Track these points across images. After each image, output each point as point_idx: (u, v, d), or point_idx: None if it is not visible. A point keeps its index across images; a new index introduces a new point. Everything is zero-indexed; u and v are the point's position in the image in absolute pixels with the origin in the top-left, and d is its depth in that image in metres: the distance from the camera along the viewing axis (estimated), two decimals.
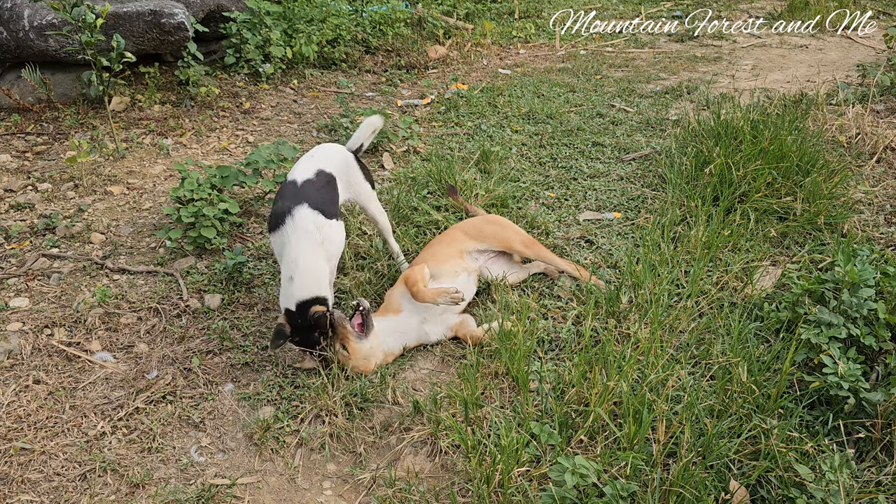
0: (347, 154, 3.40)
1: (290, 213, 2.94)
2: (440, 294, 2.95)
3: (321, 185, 3.13)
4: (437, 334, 3.08)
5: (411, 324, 3.04)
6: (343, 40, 7.26)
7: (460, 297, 2.97)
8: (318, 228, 2.95)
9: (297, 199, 2.99)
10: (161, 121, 5.55)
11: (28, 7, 5.31)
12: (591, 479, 2.12)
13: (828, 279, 2.93)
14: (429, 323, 3.06)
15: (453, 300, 2.94)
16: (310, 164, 3.19)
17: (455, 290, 2.96)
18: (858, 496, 2.14)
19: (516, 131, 5.48)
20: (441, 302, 2.95)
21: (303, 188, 3.05)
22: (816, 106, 5.10)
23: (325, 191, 3.13)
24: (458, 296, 2.95)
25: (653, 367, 2.67)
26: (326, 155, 3.30)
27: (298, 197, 3.00)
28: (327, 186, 3.17)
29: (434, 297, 2.94)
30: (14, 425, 2.67)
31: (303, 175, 3.11)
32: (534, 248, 3.41)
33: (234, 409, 2.80)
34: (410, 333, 3.04)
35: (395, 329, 3.01)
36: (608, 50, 8.11)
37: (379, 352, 2.93)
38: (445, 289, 2.97)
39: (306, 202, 2.97)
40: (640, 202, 4.27)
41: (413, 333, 3.05)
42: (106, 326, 3.23)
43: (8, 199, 4.32)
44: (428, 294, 2.95)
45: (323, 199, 3.06)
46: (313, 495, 2.45)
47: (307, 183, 3.08)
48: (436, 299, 2.94)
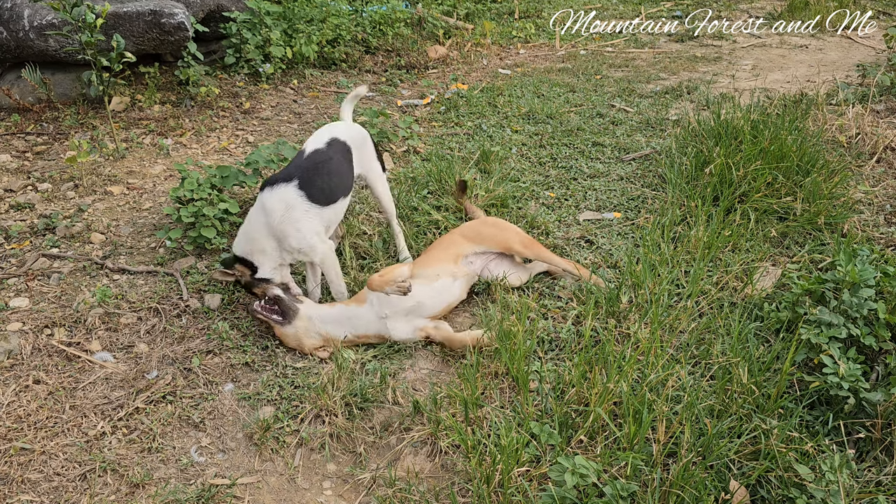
0: (365, 132, 3.55)
1: (272, 185, 3.10)
2: (387, 283, 2.98)
3: (329, 157, 3.24)
4: (401, 332, 3.08)
5: (368, 316, 3.07)
6: (343, 40, 7.26)
7: (406, 287, 2.97)
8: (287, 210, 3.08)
9: (289, 174, 3.13)
10: (161, 121, 5.55)
11: (28, 7, 5.30)
12: (591, 479, 2.12)
13: (828, 279, 2.93)
14: (391, 320, 3.07)
15: (399, 289, 2.96)
16: (325, 133, 3.34)
17: (402, 281, 2.98)
18: (858, 496, 2.14)
19: (516, 131, 5.48)
20: (388, 291, 2.98)
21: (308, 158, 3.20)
22: (816, 106, 5.10)
23: (332, 164, 3.23)
24: (404, 286, 2.96)
25: (653, 367, 2.67)
26: (345, 125, 3.47)
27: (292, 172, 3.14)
28: (339, 158, 3.27)
29: (381, 286, 2.98)
30: (14, 425, 2.67)
31: (313, 144, 3.27)
32: (533, 248, 3.41)
33: (234, 409, 2.80)
34: (363, 325, 3.08)
35: (343, 317, 3.08)
36: (608, 50, 8.11)
37: (313, 334, 3.06)
38: (392, 279, 2.98)
39: (296, 179, 3.10)
40: (640, 202, 4.27)
41: (369, 326, 3.08)
42: (106, 326, 3.23)
43: (8, 199, 4.32)
44: (376, 283, 3.00)
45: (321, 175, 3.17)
46: (313, 495, 2.45)
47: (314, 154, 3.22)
48: (383, 287, 2.98)
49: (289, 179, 3.10)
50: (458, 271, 3.28)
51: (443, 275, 3.21)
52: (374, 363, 2.97)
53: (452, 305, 3.26)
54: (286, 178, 3.11)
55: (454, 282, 3.24)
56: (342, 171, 3.26)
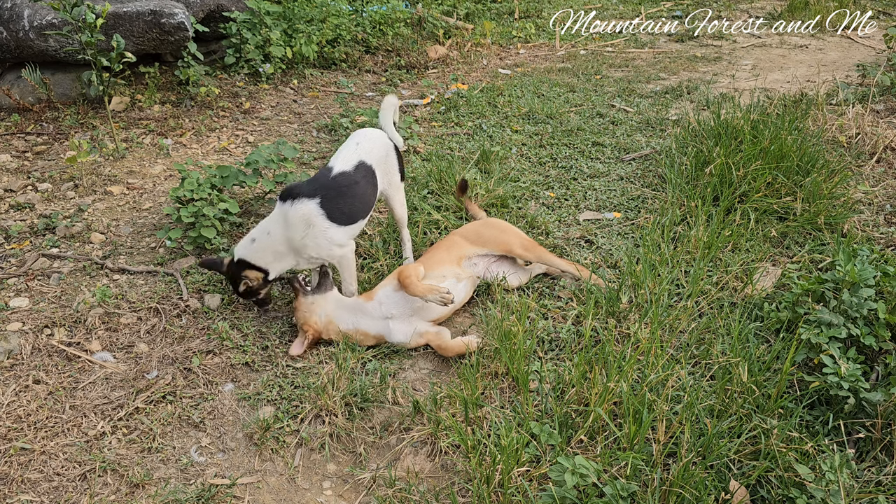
0: (389, 143, 3.51)
1: (294, 199, 3.08)
2: (431, 290, 2.98)
3: (355, 181, 3.22)
4: (401, 334, 3.06)
5: (374, 314, 3.08)
6: (343, 40, 7.26)
7: (450, 299, 2.98)
8: (308, 227, 3.07)
9: (314, 191, 3.10)
10: (161, 121, 5.55)
11: (28, 7, 5.30)
12: (591, 479, 2.12)
13: (828, 279, 2.93)
14: (395, 321, 3.07)
15: (443, 300, 2.96)
16: (353, 154, 3.29)
17: (446, 291, 2.98)
18: (858, 496, 2.14)
19: (516, 131, 5.48)
20: (430, 299, 2.98)
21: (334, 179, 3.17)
22: (816, 106, 5.10)
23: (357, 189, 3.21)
24: (448, 297, 2.97)
25: (653, 367, 2.67)
26: (371, 143, 3.39)
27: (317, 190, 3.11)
28: (364, 183, 3.26)
29: (424, 292, 2.98)
30: (14, 425, 2.67)
31: (341, 165, 3.23)
32: (534, 250, 3.41)
33: (234, 409, 2.80)
34: (366, 322, 3.08)
35: (353, 309, 3.11)
36: (608, 50, 8.11)
37: (321, 314, 3.09)
38: (438, 287, 2.99)
39: (319, 198, 3.08)
40: (640, 202, 4.27)
41: (371, 323, 3.08)
42: (106, 326, 3.23)
43: (8, 199, 4.32)
44: (419, 288, 2.99)
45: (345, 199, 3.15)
46: (313, 495, 2.45)
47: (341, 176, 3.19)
48: (426, 294, 2.97)
49: (312, 196, 3.08)
50: (461, 273, 3.27)
51: (448, 276, 3.21)
52: (374, 363, 2.97)
53: (456, 308, 3.26)
54: (310, 195, 3.08)
55: (458, 283, 3.24)
56: (365, 196, 3.26)
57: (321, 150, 5.21)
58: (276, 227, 3.12)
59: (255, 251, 3.15)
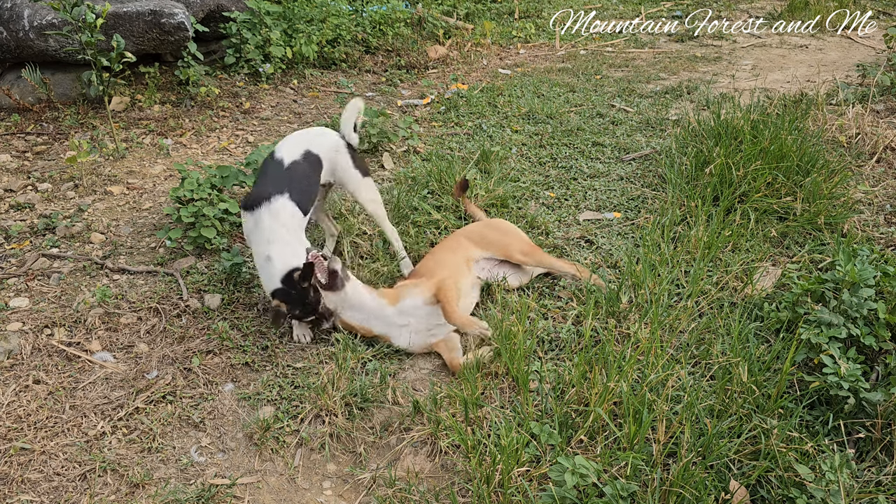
0: (340, 140, 3.45)
1: (268, 199, 3.05)
2: (472, 325, 2.87)
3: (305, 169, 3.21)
4: (413, 344, 3.02)
5: (389, 319, 3.03)
6: (343, 40, 7.26)
7: (488, 336, 2.89)
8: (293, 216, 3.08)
9: (280, 186, 3.08)
10: (161, 121, 5.55)
11: (28, 7, 5.30)
12: (591, 479, 2.12)
13: (828, 279, 2.93)
14: (412, 331, 3.00)
15: (482, 335, 2.89)
16: (300, 142, 3.29)
17: (486, 328, 2.87)
18: (858, 496, 2.14)
19: (516, 131, 5.48)
20: (471, 332, 2.90)
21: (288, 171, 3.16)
22: (816, 106, 5.10)
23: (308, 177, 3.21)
24: (487, 334, 2.87)
25: (653, 367, 2.67)
26: (317, 136, 3.39)
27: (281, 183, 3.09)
28: (311, 171, 3.25)
29: (468, 326, 2.87)
30: (14, 425, 2.67)
31: (290, 155, 3.21)
32: (534, 256, 3.39)
33: (234, 409, 2.80)
34: (379, 324, 3.04)
35: (369, 311, 3.04)
36: (608, 50, 8.11)
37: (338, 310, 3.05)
38: (479, 323, 2.88)
39: (288, 192, 3.07)
40: (640, 202, 4.27)
41: (383, 327, 3.04)
42: (106, 326, 3.23)
43: (8, 199, 4.32)
44: (461, 319, 2.87)
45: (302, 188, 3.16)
46: (313, 495, 2.45)
47: (294, 165, 3.19)
48: (470, 328, 2.87)
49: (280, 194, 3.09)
50: (473, 279, 3.27)
51: (465, 286, 3.18)
52: (374, 363, 2.96)
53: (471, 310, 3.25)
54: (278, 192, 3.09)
55: (472, 290, 3.24)
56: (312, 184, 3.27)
57: None
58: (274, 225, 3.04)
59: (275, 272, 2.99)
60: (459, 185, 3.99)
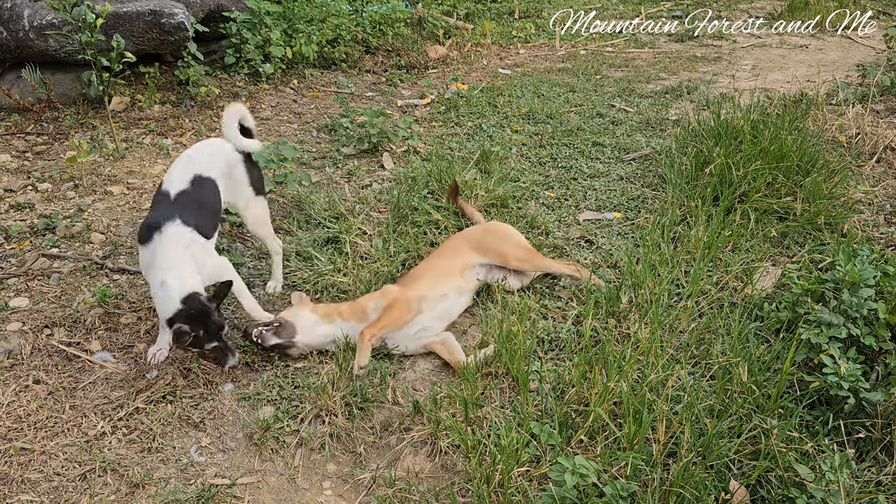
0: (231, 152, 3.23)
1: (159, 228, 2.84)
2: (360, 356, 2.85)
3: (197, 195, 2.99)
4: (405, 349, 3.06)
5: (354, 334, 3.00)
6: (343, 40, 7.26)
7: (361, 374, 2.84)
8: (192, 242, 2.89)
9: (170, 213, 2.88)
10: (161, 121, 5.55)
11: (28, 7, 5.30)
12: (591, 479, 2.12)
13: (828, 279, 2.93)
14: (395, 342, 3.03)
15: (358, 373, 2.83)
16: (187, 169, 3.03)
17: (363, 366, 2.83)
18: (858, 496, 2.14)
19: (516, 131, 5.48)
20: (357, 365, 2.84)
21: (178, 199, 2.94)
22: (816, 106, 5.10)
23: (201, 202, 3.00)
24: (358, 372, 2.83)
25: (653, 367, 2.67)
26: (206, 155, 3.13)
27: (171, 211, 2.89)
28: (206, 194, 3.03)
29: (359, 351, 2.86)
30: (14, 425, 2.67)
31: (178, 185, 2.98)
32: (532, 261, 3.38)
33: (234, 409, 2.80)
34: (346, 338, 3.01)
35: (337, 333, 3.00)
36: (608, 50, 8.11)
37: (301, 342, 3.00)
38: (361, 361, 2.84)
39: (179, 218, 2.87)
40: (640, 202, 4.27)
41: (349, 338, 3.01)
42: (106, 326, 3.23)
43: (8, 199, 4.32)
44: (360, 345, 2.87)
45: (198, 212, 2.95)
46: (313, 495, 2.45)
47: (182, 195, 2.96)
48: (358, 354, 2.86)
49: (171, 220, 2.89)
50: (464, 286, 3.25)
51: (450, 292, 3.17)
52: (374, 363, 2.96)
53: (453, 320, 3.23)
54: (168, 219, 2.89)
55: (460, 297, 3.22)
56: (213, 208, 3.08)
57: (321, 149, 5.21)
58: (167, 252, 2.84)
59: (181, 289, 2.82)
60: (452, 191, 4.00)
